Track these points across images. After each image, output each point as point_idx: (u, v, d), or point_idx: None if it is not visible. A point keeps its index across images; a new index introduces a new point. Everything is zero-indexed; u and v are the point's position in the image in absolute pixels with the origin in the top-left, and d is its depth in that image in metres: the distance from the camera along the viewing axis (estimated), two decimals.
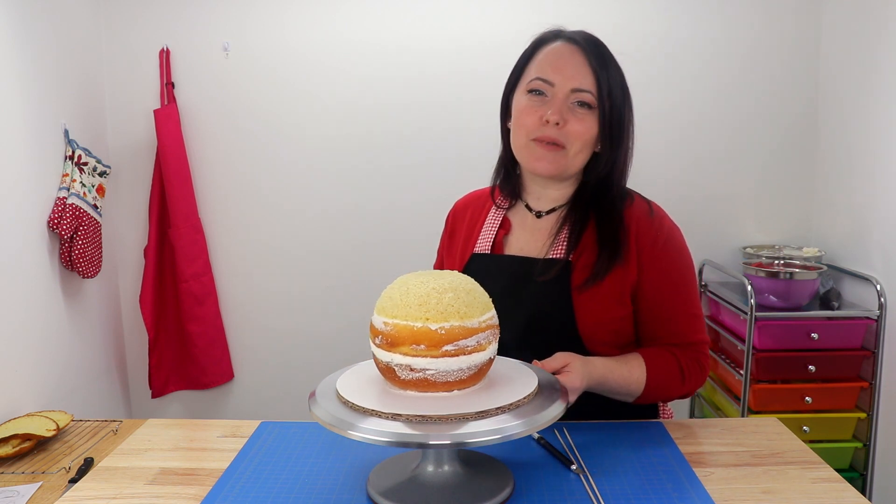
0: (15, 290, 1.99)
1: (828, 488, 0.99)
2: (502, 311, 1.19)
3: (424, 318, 0.89)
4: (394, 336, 0.90)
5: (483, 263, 1.29)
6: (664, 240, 1.21)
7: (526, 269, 1.23)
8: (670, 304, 1.21)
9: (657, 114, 2.59)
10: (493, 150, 1.40)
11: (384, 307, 0.93)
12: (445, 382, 0.91)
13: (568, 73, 1.17)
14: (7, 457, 1.73)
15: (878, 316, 2.21)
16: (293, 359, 2.78)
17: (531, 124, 1.19)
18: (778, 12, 2.56)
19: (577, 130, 1.17)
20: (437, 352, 0.89)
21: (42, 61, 2.19)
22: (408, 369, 0.90)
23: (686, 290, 1.22)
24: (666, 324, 1.21)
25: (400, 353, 0.90)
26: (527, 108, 1.20)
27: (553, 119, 1.16)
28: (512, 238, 1.30)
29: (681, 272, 1.22)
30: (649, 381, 1.17)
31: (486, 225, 1.33)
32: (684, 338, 1.22)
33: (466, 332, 0.90)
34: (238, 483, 1.01)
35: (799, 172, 2.65)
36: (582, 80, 1.17)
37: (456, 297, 0.91)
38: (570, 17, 1.45)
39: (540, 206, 1.29)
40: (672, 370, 1.19)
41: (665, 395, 1.21)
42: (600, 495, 0.96)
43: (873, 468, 2.26)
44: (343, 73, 2.61)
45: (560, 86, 1.17)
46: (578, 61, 1.17)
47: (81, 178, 2.29)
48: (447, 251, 1.40)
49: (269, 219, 2.71)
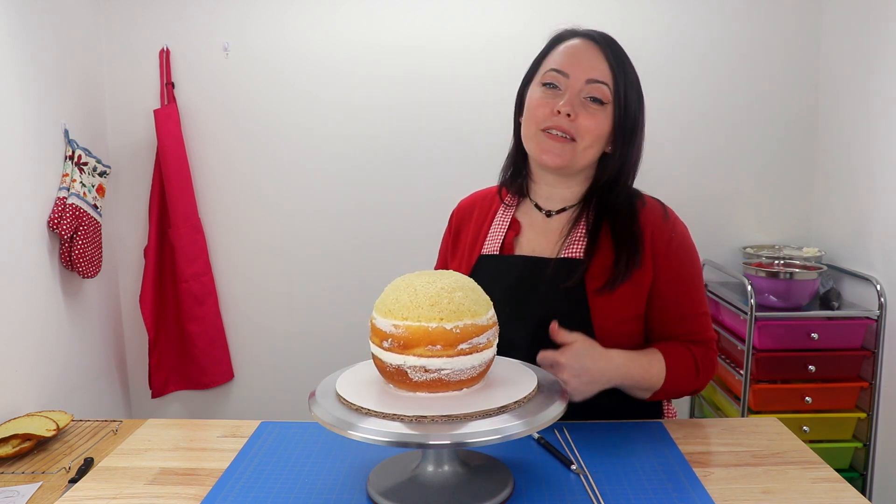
0: (15, 290, 1.99)
1: (828, 488, 0.99)
2: (514, 313, 1.19)
3: (439, 319, 0.89)
4: (407, 338, 0.89)
5: (492, 265, 1.28)
6: (678, 241, 1.23)
7: (538, 270, 1.23)
8: (683, 303, 1.22)
9: (657, 114, 2.57)
10: (493, 150, 1.39)
11: (391, 310, 0.92)
12: (459, 381, 0.91)
13: (584, 65, 1.17)
14: (7, 457, 1.73)
15: (878, 316, 2.21)
16: (293, 359, 2.78)
17: (542, 115, 1.19)
18: (778, 12, 2.56)
19: (587, 125, 1.17)
20: (452, 351, 0.89)
21: (42, 61, 2.19)
22: (422, 370, 0.90)
23: (697, 290, 1.24)
24: (679, 322, 1.22)
25: (414, 354, 0.89)
26: (540, 99, 1.20)
27: (565, 110, 1.16)
28: (522, 239, 1.29)
29: (692, 272, 1.24)
30: (669, 375, 1.17)
31: (495, 226, 1.32)
32: (696, 335, 1.23)
33: (478, 329, 0.91)
34: (238, 483, 1.01)
35: (799, 172, 2.65)
36: (598, 72, 1.17)
37: (465, 295, 0.92)
38: (570, 18, 1.44)
39: (549, 205, 1.29)
40: (688, 364, 1.20)
41: (681, 388, 1.21)
42: (600, 495, 0.96)
43: (873, 468, 2.26)
44: (343, 73, 2.61)
45: (575, 77, 1.17)
46: (595, 54, 1.18)
47: (81, 178, 2.29)
48: (452, 252, 1.39)
49: (269, 219, 2.71)
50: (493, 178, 1.40)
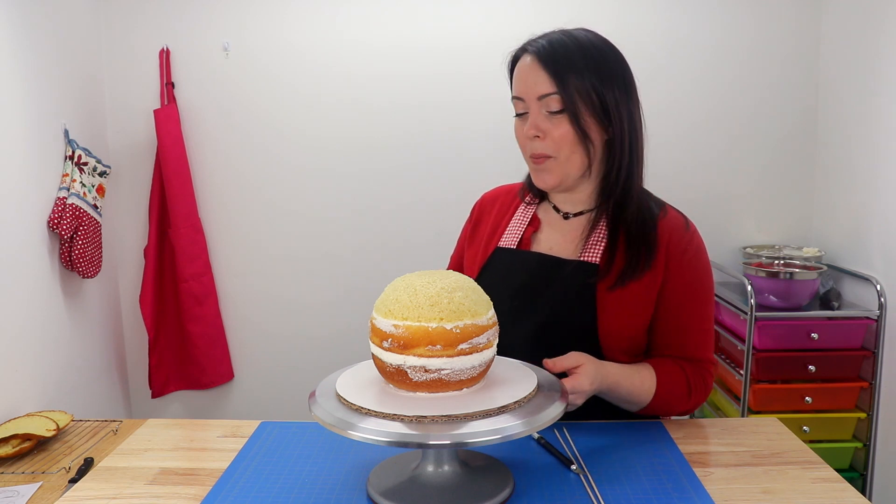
0: (15, 290, 1.99)
1: (828, 488, 0.99)
2: (520, 308, 1.19)
3: (439, 319, 0.89)
4: (407, 338, 0.90)
5: (507, 258, 1.29)
6: (693, 253, 1.22)
7: (552, 268, 1.24)
8: (686, 316, 1.21)
9: (657, 114, 2.57)
10: (493, 151, 1.40)
11: (392, 310, 0.92)
12: (459, 381, 0.91)
13: (530, 84, 1.18)
14: (7, 457, 1.73)
15: (878, 316, 2.21)
16: (293, 359, 2.78)
17: (522, 143, 1.23)
18: (778, 12, 2.57)
19: (556, 136, 1.18)
20: (452, 351, 0.89)
21: (42, 61, 2.19)
22: (422, 371, 0.90)
23: (703, 307, 1.23)
24: (678, 335, 1.22)
25: (414, 354, 0.89)
26: (518, 129, 1.23)
27: (531, 133, 1.19)
28: (542, 236, 1.30)
29: (702, 288, 1.23)
30: (658, 393, 1.17)
31: (515, 220, 1.33)
32: (693, 353, 1.22)
33: (478, 329, 0.91)
34: (238, 483, 1.01)
35: (799, 172, 2.65)
36: (543, 86, 1.16)
37: (465, 295, 0.92)
38: (570, 17, 1.45)
39: (567, 208, 1.30)
40: (680, 384, 1.19)
41: (670, 408, 1.21)
42: (600, 495, 0.96)
43: (873, 468, 2.26)
44: (343, 73, 2.61)
45: (529, 99, 1.19)
46: (536, 69, 1.18)
47: (81, 178, 2.29)
48: (469, 242, 1.40)
49: (269, 219, 2.71)
50: (493, 179, 1.41)
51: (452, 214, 1.47)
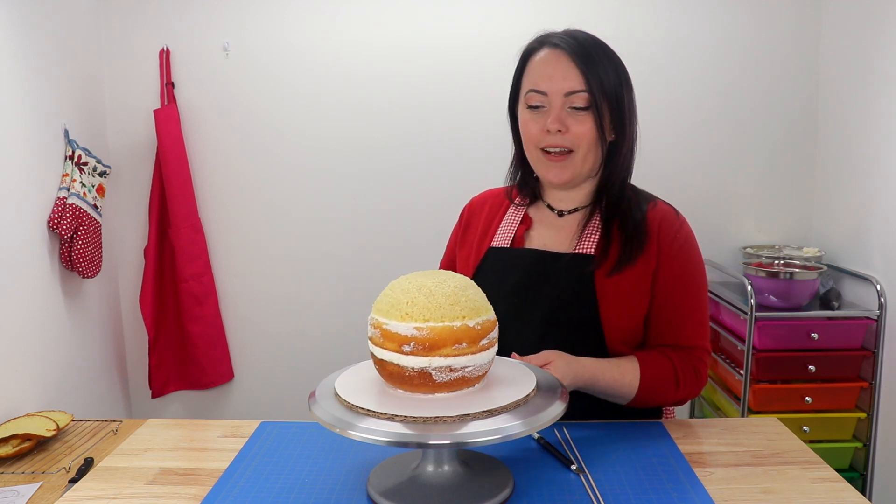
0: (15, 290, 1.99)
1: (828, 488, 0.99)
2: (520, 305, 1.20)
3: (462, 317, 0.90)
4: (433, 339, 0.88)
5: (501, 257, 1.29)
6: (683, 239, 1.24)
7: (548, 263, 1.24)
8: (678, 303, 1.22)
9: (657, 114, 2.59)
10: (493, 151, 1.40)
11: (409, 313, 0.90)
12: (477, 377, 0.93)
13: (558, 79, 1.18)
14: (7, 457, 1.73)
15: (878, 316, 2.21)
16: (293, 359, 2.78)
17: (537, 135, 1.21)
18: (778, 12, 2.56)
19: (579, 132, 1.19)
20: (476, 347, 0.91)
21: (42, 61, 2.19)
22: (447, 370, 0.89)
23: (695, 295, 1.23)
24: (672, 322, 1.22)
25: (441, 355, 0.89)
26: (530, 121, 1.22)
27: (554, 127, 1.18)
28: (534, 233, 1.30)
29: (693, 276, 1.24)
30: (642, 385, 1.17)
31: (506, 220, 1.33)
32: (685, 340, 1.22)
33: (492, 324, 0.94)
34: (238, 483, 1.01)
35: (799, 172, 2.65)
36: (573, 82, 1.17)
37: (476, 292, 0.95)
38: (570, 17, 1.45)
39: (562, 205, 1.30)
40: (667, 375, 1.19)
41: (658, 400, 1.21)
42: (600, 495, 0.96)
43: (873, 468, 2.26)
44: (343, 74, 2.61)
45: (553, 93, 1.18)
46: (566, 64, 1.18)
47: (81, 178, 2.29)
48: (460, 245, 1.40)
49: (268, 219, 2.71)
50: (493, 179, 1.41)
51: (452, 214, 1.47)
